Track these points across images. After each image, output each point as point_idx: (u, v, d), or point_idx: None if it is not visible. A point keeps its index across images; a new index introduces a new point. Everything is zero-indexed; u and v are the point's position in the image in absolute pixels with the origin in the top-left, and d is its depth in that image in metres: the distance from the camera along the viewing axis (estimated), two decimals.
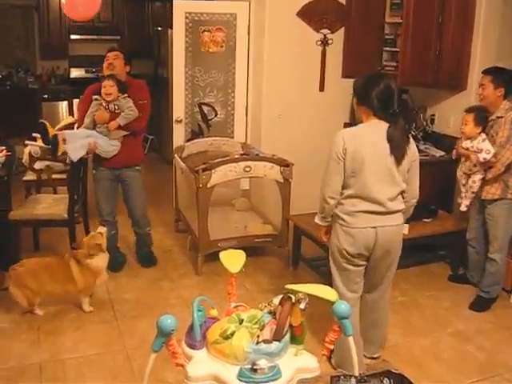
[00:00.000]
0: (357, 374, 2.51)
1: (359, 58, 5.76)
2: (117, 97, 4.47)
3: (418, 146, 5.34)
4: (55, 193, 5.31)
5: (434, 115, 5.63)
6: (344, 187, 3.17)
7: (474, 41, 5.09)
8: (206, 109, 5.88)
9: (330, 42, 5.74)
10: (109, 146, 4.49)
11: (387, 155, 3.08)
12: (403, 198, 3.25)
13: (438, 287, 4.77)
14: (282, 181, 4.84)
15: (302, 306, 2.48)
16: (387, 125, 3.10)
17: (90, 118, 4.48)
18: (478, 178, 4.25)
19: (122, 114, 4.45)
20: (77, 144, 4.40)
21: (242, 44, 5.85)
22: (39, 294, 4.01)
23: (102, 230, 4.20)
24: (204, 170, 4.59)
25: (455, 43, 5.10)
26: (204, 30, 5.82)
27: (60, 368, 3.49)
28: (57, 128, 5.62)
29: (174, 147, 5.77)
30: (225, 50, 5.88)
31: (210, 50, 5.86)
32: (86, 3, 4.87)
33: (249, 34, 5.83)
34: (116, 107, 4.47)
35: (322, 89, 5.85)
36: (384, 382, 2.27)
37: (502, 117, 4.16)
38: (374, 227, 3.16)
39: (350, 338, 2.46)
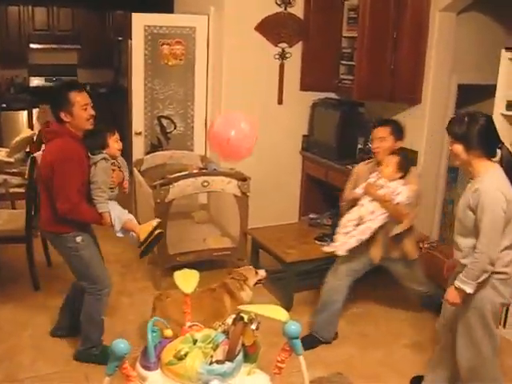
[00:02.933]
0: None
1: (317, 71, 5.85)
2: None
3: None
4: (13, 207, 5.26)
5: None
6: None
7: (427, 55, 5.18)
8: (165, 122, 5.92)
9: (288, 55, 5.81)
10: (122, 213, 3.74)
11: None
12: None
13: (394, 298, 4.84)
14: (239, 195, 4.89)
15: (253, 326, 2.55)
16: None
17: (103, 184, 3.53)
18: (376, 225, 3.82)
19: (125, 170, 3.78)
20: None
21: (201, 57, 5.90)
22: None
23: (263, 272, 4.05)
24: (162, 184, 4.61)
25: (409, 57, 5.20)
26: (163, 43, 5.85)
27: None
28: (15, 140, 5.57)
29: (133, 160, 5.78)
30: (184, 62, 5.92)
31: (170, 63, 5.90)
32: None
33: (208, 47, 5.88)
34: (118, 164, 3.73)
35: (280, 102, 5.92)
36: None
37: None
38: None
39: (301, 358, 2.53)
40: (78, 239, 3.48)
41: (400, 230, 3.91)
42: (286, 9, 5.72)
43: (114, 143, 3.63)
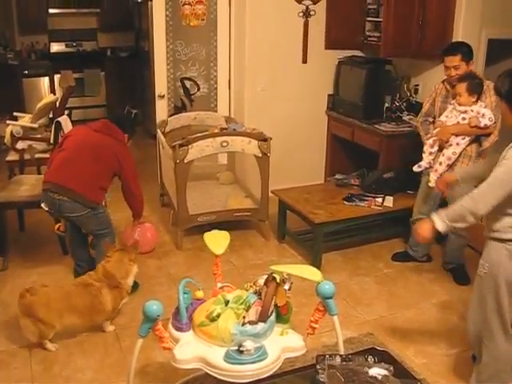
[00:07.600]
0: (342, 352, 2.55)
1: (342, 28, 5.73)
2: None
3: (401, 117, 5.40)
4: (39, 173, 5.26)
5: (417, 85, 5.61)
6: None
7: (457, 9, 5.04)
8: (188, 83, 5.83)
9: (312, 13, 5.66)
10: None
11: None
12: None
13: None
14: (260, 155, 4.81)
15: (286, 286, 2.51)
16: None
17: None
18: (460, 149, 4.00)
19: None
20: None
21: (223, 17, 5.76)
22: (54, 328, 3.44)
23: None
24: (181, 145, 4.58)
25: (438, 12, 5.08)
26: (184, 3, 5.72)
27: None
28: (38, 106, 5.56)
29: (157, 122, 5.73)
30: (206, 23, 5.79)
31: (191, 24, 5.78)
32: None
33: (230, 6, 5.74)
34: None
35: (304, 61, 5.80)
36: (368, 359, 2.30)
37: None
38: None
39: (335, 318, 2.50)
40: (103, 203, 4.11)
41: (488, 144, 4.01)
42: None
43: None
